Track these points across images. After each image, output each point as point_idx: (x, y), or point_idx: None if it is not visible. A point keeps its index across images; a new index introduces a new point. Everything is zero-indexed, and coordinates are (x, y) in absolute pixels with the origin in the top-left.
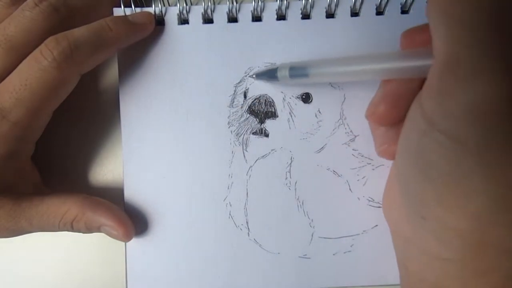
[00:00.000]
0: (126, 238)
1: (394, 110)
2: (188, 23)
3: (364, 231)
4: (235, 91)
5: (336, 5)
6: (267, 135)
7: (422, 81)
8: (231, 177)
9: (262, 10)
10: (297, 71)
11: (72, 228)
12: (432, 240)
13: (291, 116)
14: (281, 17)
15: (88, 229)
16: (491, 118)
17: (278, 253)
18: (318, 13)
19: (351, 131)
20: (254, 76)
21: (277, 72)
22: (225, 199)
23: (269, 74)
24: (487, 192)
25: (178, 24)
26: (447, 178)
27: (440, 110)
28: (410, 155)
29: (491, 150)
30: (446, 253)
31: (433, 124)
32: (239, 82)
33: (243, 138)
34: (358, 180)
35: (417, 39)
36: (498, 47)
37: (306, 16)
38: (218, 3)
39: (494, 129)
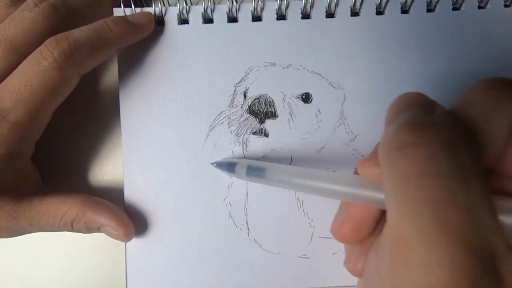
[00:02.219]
0: (126, 238)
1: (357, 232)
2: (188, 23)
3: None
4: (235, 91)
5: (336, 5)
6: (267, 135)
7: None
8: (231, 177)
9: (262, 10)
10: (254, 171)
11: (72, 228)
12: None
13: (291, 116)
14: (281, 17)
15: (88, 229)
16: None
17: (278, 253)
18: (318, 13)
19: (351, 131)
20: (214, 164)
21: (236, 167)
22: (225, 199)
23: (228, 168)
24: None
25: (178, 24)
26: None
27: (391, 281)
28: None
29: None
30: None
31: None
32: (239, 82)
33: (243, 138)
34: None
35: (372, 173)
36: (446, 245)
37: (306, 16)
38: (218, 3)
39: None
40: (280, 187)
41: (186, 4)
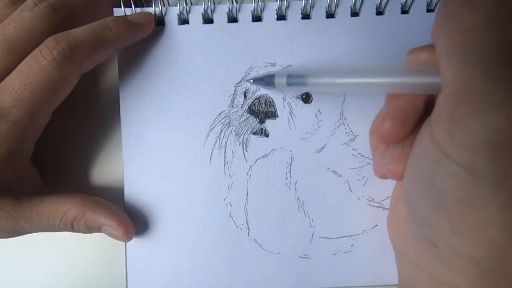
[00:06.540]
0: (126, 238)
1: (400, 127)
2: (188, 23)
3: (364, 231)
4: (235, 91)
5: (336, 5)
6: (267, 135)
7: (428, 97)
8: (231, 177)
9: (262, 10)
10: (295, 79)
11: (72, 228)
12: (443, 266)
13: (291, 116)
14: (281, 17)
15: (88, 229)
16: (509, 150)
17: (278, 253)
18: (318, 13)
19: (351, 131)
20: (251, 80)
21: (275, 79)
22: (225, 199)
23: (266, 80)
24: (504, 222)
25: (178, 24)
26: (462, 207)
27: (453, 141)
28: (420, 181)
29: (509, 181)
30: (458, 281)
31: (446, 154)
32: (239, 82)
33: (243, 138)
34: (358, 180)
35: (421, 59)
36: (510, 80)
37: (306, 16)
38: (218, 3)
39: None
40: (322, 91)
41: (186, 4)
